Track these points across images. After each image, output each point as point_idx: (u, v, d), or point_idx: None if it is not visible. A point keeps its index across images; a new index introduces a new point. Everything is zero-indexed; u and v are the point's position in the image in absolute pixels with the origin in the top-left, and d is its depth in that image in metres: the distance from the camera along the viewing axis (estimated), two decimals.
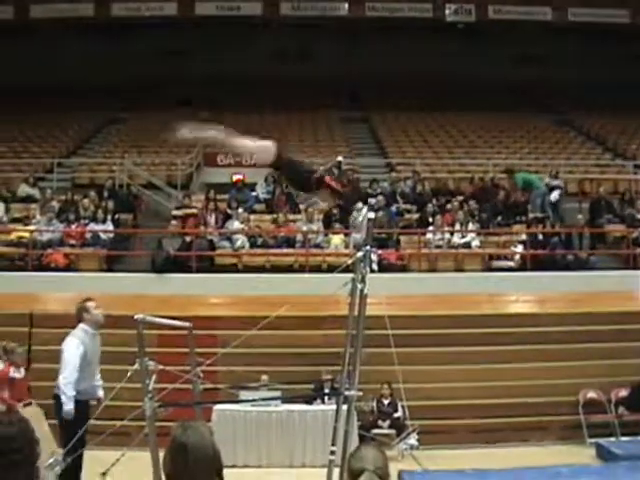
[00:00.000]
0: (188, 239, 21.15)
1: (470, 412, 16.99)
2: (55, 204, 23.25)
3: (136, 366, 9.60)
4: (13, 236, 21.81)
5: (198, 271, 20.33)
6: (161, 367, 10.15)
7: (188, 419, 4.37)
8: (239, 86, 33.78)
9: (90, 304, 11.76)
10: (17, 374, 14.35)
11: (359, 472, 4.12)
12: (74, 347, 11.25)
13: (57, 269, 20.58)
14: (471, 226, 22.04)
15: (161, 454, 4.23)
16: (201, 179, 27.53)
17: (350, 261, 9.81)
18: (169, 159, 28.17)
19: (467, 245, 21.49)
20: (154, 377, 9.49)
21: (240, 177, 25.80)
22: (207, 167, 27.94)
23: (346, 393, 10.04)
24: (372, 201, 22.93)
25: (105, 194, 24.09)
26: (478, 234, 21.92)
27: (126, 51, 35.32)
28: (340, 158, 26.48)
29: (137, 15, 35.26)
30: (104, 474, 13.90)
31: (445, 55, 35.42)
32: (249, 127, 31.80)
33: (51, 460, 12.81)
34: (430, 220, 22.34)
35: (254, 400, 15.07)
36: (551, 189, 24.33)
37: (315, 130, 32.95)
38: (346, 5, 36.03)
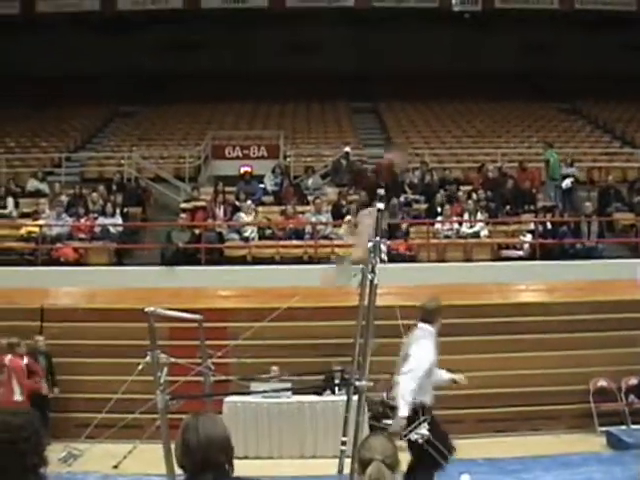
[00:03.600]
0: (197, 232, 21.20)
1: (480, 402, 16.98)
2: (64, 198, 23.28)
3: (148, 359, 9.65)
4: (23, 231, 21.86)
5: (207, 263, 20.37)
6: (172, 360, 10.19)
7: (199, 411, 4.41)
8: (247, 78, 33.77)
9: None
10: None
11: (368, 462, 4.16)
12: (429, 351, 10.53)
13: (67, 263, 20.63)
14: (480, 216, 22.01)
15: (173, 446, 4.26)
16: (209, 172, 27.54)
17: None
18: (177, 152, 28.22)
19: (476, 235, 21.48)
20: (165, 370, 9.54)
21: (248, 169, 25.82)
22: (215, 160, 27.93)
23: (357, 384, 10.07)
24: (381, 192, 22.90)
25: (114, 188, 24.10)
26: (487, 224, 21.91)
27: (133, 44, 35.32)
28: (348, 149, 26.51)
29: (143, 9, 35.18)
30: (116, 467, 14.00)
31: (452, 45, 35.40)
32: (256, 117, 31.98)
33: (64, 454, 12.93)
34: (439, 210, 22.32)
35: (265, 392, 15.11)
36: (564, 177, 24.36)
37: (324, 120, 32.94)
38: None
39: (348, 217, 21.56)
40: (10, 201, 23.48)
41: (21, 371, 15.22)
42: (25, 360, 16.06)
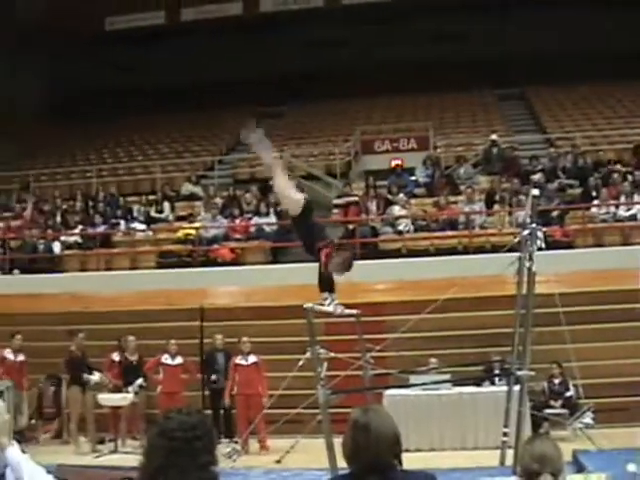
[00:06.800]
0: (351, 227, 21.29)
1: None
2: (218, 200, 23.70)
3: (308, 355, 9.74)
4: (180, 234, 22.39)
5: (362, 258, 20.39)
6: (332, 355, 10.26)
7: (361, 405, 4.40)
8: (392, 71, 33.71)
9: None
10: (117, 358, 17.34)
11: (536, 474, 4.07)
12: None
13: (224, 263, 21.01)
14: (637, 198, 21.43)
15: (335, 440, 4.27)
16: (360, 167, 27.59)
17: (516, 240, 9.72)
18: (327, 149, 28.37)
19: (633, 217, 20.93)
20: (325, 365, 9.61)
21: (399, 162, 25.78)
22: (365, 154, 27.97)
23: (517, 373, 9.96)
24: (534, 177, 22.59)
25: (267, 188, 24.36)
26: None
27: (277, 45, 35.61)
28: (494, 137, 26.19)
29: (285, 9, 35.47)
30: (279, 461, 14.19)
31: (598, 25, 34.50)
32: (403, 110, 31.92)
33: (229, 449, 13.17)
34: (594, 194, 21.85)
35: (424, 384, 15.06)
36: None
37: (472, 110, 32.62)
38: None
39: None
40: (166, 205, 24.09)
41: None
42: (180, 360, 16.79)
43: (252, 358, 16.14)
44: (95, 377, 16.69)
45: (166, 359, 16.80)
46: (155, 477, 3.64)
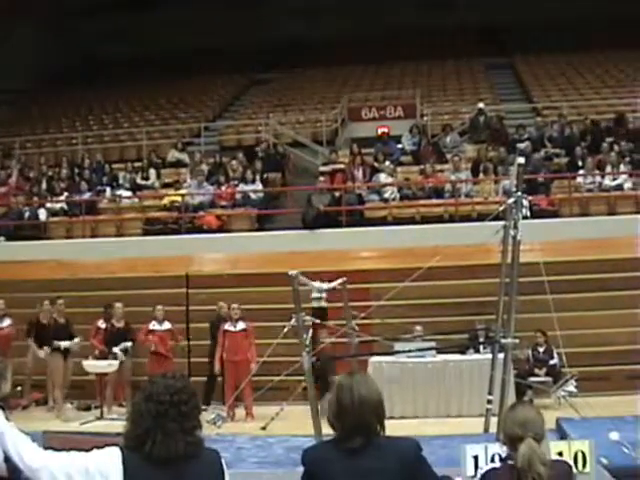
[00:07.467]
0: (337, 194, 21.29)
1: (628, 358, 16.61)
2: (204, 167, 23.65)
3: (293, 322, 9.77)
4: (165, 201, 22.35)
5: (348, 225, 20.43)
6: (317, 322, 10.29)
7: (353, 371, 4.47)
8: (379, 39, 33.60)
9: None
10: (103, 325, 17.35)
11: (519, 439, 4.13)
12: None
13: (210, 230, 21.00)
14: (623, 167, 21.46)
15: (325, 406, 4.32)
16: (346, 134, 27.55)
17: (502, 208, 9.73)
18: (314, 116, 28.30)
19: (619, 187, 20.97)
20: (310, 332, 9.65)
21: (385, 130, 25.76)
22: (352, 122, 27.94)
23: (502, 341, 10.00)
24: (521, 146, 22.59)
25: (259, 154, 24.29)
26: (630, 175, 21.33)
27: (266, 12, 35.51)
28: (481, 105, 26.19)
29: None
30: (264, 428, 14.27)
31: None
32: (391, 77, 31.83)
33: (213, 415, 13.24)
34: (580, 163, 21.88)
35: (409, 351, 15.11)
36: None
37: (459, 78, 32.56)
38: None
39: None
40: (152, 172, 24.02)
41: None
42: (168, 325, 16.85)
43: (241, 325, 16.12)
44: (64, 343, 16.69)
45: (154, 325, 16.81)
46: (142, 441, 3.68)
